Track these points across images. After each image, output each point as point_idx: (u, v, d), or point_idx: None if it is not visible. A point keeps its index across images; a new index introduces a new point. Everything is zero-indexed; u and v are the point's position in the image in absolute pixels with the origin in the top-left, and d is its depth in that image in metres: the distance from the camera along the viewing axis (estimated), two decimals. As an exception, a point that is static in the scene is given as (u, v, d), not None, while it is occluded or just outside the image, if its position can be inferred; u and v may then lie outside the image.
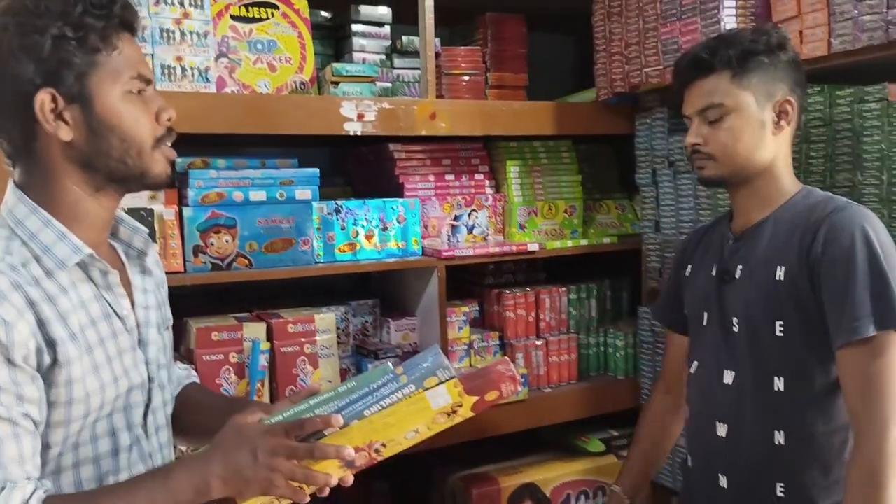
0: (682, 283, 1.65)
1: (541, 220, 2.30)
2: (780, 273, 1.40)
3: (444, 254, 2.05)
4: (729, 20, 1.82)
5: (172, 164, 1.18)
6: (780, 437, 1.40)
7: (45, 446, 1.06)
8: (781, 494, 1.41)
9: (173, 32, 1.74)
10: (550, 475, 2.22)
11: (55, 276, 1.07)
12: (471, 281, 2.39)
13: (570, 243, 2.27)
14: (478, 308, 2.32)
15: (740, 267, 1.48)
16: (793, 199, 1.46)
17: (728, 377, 1.48)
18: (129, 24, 1.11)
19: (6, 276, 1.02)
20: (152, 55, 1.73)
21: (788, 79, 1.44)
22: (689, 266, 1.63)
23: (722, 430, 1.47)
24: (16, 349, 0.99)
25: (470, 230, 2.23)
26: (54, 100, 1.05)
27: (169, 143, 1.15)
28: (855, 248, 1.32)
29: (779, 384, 1.40)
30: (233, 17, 1.93)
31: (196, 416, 1.34)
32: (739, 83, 1.42)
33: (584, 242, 2.30)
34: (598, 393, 2.29)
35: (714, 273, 1.53)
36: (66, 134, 1.06)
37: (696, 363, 1.57)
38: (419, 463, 2.33)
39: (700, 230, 1.69)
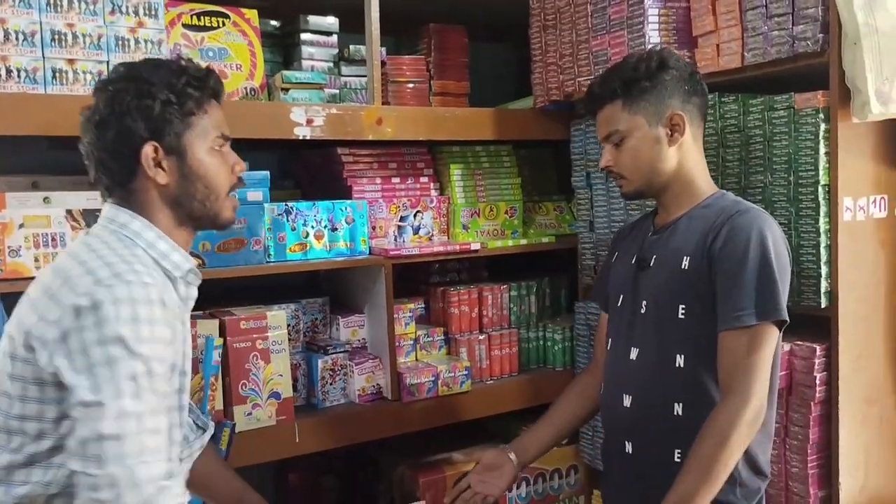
0: (611, 268, 1.80)
1: (483, 221, 2.41)
2: (685, 262, 1.56)
3: (392, 253, 2.15)
4: (653, 34, 1.96)
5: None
6: (678, 408, 1.55)
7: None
8: (679, 459, 1.54)
9: (128, 41, 1.81)
10: None
11: (173, 280, 1.32)
12: (417, 279, 2.49)
13: (510, 243, 2.40)
14: (423, 305, 2.42)
15: (655, 256, 1.63)
16: (707, 199, 1.62)
17: (633, 353, 1.62)
18: (217, 93, 1.39)
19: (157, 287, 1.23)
20: (107, 62, 1.79)
21: (677, 94, 1.59)
22: (616, 254, 1.79)
23: (627, 400, 1.62)
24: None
25: (416, 231, 2.34)
26: (156, 151, 1.30)
27: (235, 192, 1.41)
28: (749, 246, 1.48)
29: (680, 361, 1.55)
30: (185, 26, 2.00)
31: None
32: (629, 109, 1.58)
33: (523, 242, 2.42)
34: (538, 384, 2.41)
35: (633, 261, 1.68)
36: (163, 178, 1.31)
37: (610, 341, 1.72)
38: (367, 455, 2.42)
39: (631, 223, 1.85)
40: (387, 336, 2.16)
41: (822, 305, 1.73)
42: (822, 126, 1.70)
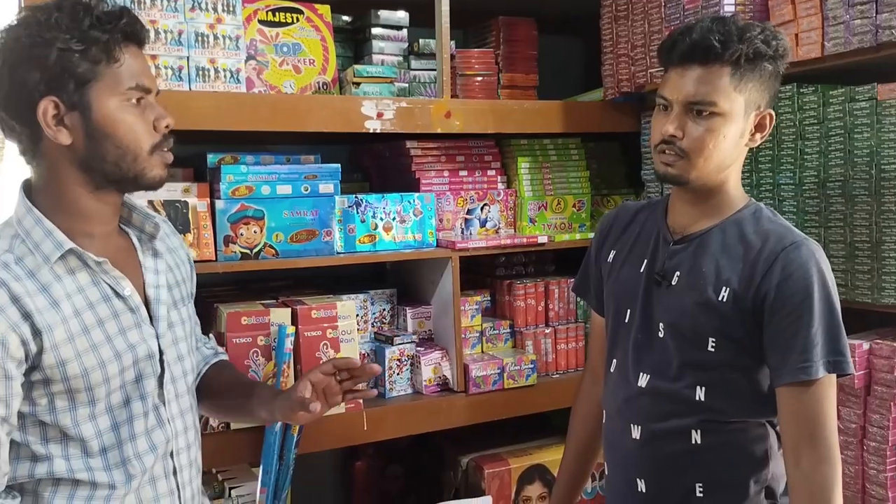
0: (601, 265, 1.59)
1: (550, 215, 2.40)
2: (724, 294, 1.35)
3: (459, 245, 2.16)
4: (728, 24, 1.92)
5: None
6: (696, 436, 1.38)
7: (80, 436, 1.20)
8: (701, 494, 1.39)
9: (207, 37, 1.86)
10: (559, 457, 2.24)
11: (52, 266, 1.17)
12: (483, 272, 2.50)
13: (578, 236, 2.38)
14: (489, 298, 2.43)
15: (678, 274, 1.41)
16: (741, 212, 1.41)
17: (643, 380, 1.43)
18: (134, 36, 1.20)
19: None
20: (188, 58, 1.84)
21: (773, 90, 1.38)
22: (613, 251, 1.55)
23: (636, 432, 1.43)
24: None
25: (482, 224, 2.34)
26: (56, 107, 1.15)
27: (166, 149, 1.24)
28: (813, 289, 1.30)
29: (700, 394, 1.38)
30: (260, 22, 2.05)
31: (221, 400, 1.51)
32: (737, 85, 1.32)
33: (591, 236, 2.39)
34: (605, 379, 2.39)
35: (643, 270, 1.46)
36: (65, 138, 1.16)
37: (614, 362, 1.51)
38: (432, 445, 2.45)
39: (627, 211, 1.59)
40: (453, 328, 2.18)
41: (905, 303, 1.67)
42: (907, 118, 1.64)
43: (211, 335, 1.69)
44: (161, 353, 1.29)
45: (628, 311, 1.48)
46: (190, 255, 1.48)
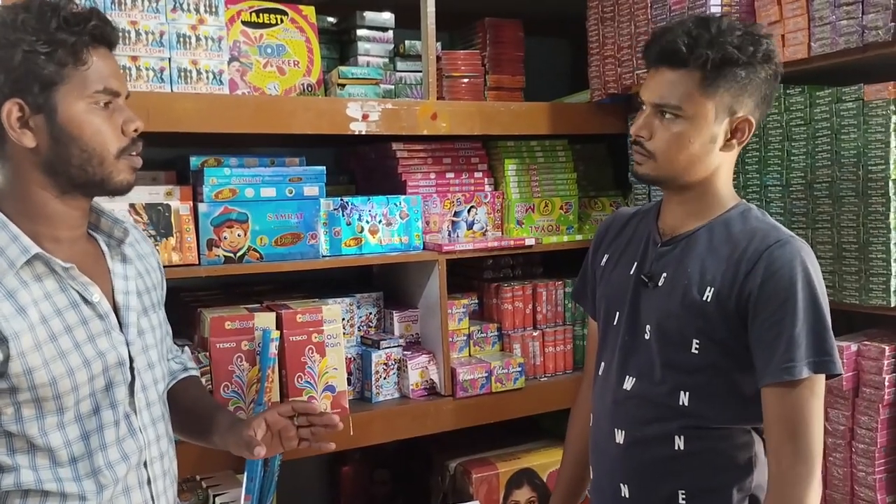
0: (596, 269, 1.59)
1: (537, 217, 2.39)
2: (708, 294, 1.35)
3: (446, 248, 2.14)
4: (715, 25, 1.91)
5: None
6: (679, 442, 1.37)
7: (48, 448, 1.17)
8: (683, 501, 1.38)
9: (189, 38, 1.84)
10: (547, 461, 2.31)
11: (18, 272, 1.15)
12: (470, 275, 2.48)
13: (565, 238, 2.37)
14: (477, 301, 2.41)
15: (664, 275, 1.41)
16: (729, 213, 1.40)
17: (628, 383, 1.42)
18: (103, 38, 1.18)
19: None
20: (170, 59, 1.82)
21: (757, 95, 1.36)
22: (606, 255, 1.56)
23: (620, 436, 1.43)
24: None
25: (469, 226, 2.33)
26: (21, 109, 1.13)
27: (134, 153, 1.22)
28: (796, 287, 1.29)
29: (684, 399, 1.37)
30: (244, 23, 2.03)
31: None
32: (705, 91, 1.32)
33: (579, 238, 2.39)
34: (593, 382, 2.38)
35: (632, 273, 1.46)
36: (29, 141, 1.14)
37: (602, 364, 1.51)
38: (419, 449, 2.43)
39: (622, 216, 1.60)
40: (440, 331, 2.16)
41: (892, 304, 1.67)
42: (894, 118, 1.64)
43: (185, 347, 1.66)
44: (131, 360, 1.26)
45: (617, 313, 1.48)
46: (160, 262, 1.46)
